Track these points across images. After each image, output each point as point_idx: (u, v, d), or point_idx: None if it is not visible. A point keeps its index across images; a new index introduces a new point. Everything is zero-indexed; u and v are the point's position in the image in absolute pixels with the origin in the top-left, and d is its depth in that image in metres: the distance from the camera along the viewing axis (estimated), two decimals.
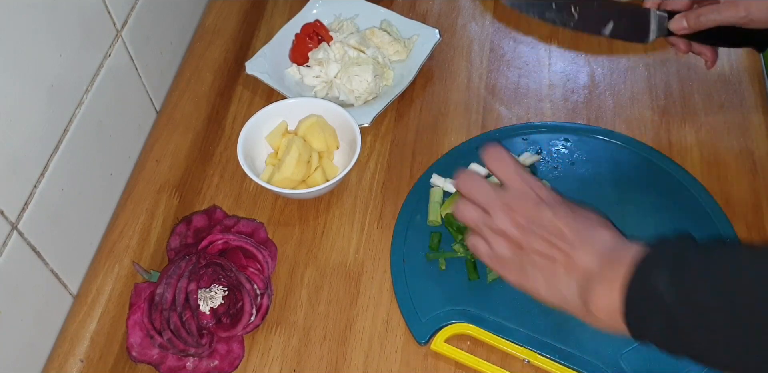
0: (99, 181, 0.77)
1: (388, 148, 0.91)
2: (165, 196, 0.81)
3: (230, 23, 0.96)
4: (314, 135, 0.85)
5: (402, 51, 0.95)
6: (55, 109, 0.67)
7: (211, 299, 0.73)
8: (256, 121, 0.85)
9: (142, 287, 0.74)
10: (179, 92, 0.89)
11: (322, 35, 0.95)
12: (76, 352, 0.70)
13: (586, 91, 0.96)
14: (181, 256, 0.75)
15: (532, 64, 0.99)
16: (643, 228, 0.81)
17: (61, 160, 0.68)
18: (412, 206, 0.84)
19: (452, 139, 0.91)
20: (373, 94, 0.92)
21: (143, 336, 0.72)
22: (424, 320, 0.76)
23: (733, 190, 0.86)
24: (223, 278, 0.74)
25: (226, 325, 0.73)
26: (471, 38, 1.01)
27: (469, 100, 0.95)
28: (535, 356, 0.74)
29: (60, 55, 0.67)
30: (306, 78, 0.94)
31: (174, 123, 0.86)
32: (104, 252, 0.76)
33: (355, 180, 0.88)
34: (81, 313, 0.72)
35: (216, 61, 0.92)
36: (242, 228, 0.79)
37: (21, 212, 0.63)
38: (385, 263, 0.81)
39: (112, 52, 0.76)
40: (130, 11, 0.79)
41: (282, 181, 0.82)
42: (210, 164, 0.89)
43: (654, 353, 0.74)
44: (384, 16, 0.98)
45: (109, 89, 0.76)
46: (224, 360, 0.73)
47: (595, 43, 1.00)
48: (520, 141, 0.89)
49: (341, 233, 0.84)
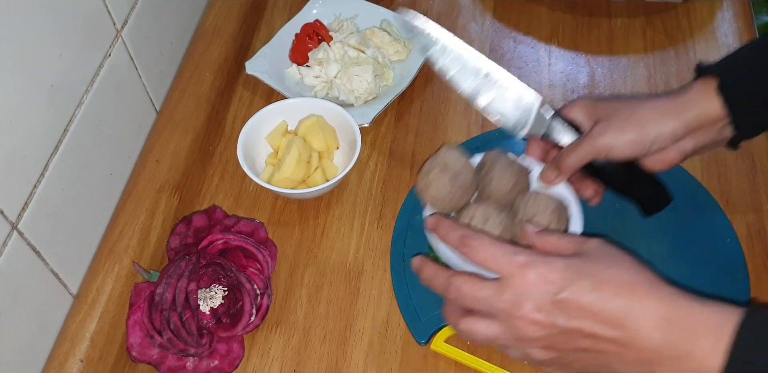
0: (99, 181, 0.77)
1: (388, 148, 0.91)
2: (165, 196, 0.81)
3: (230, 23, 0.96)
4: (314, 135, 0.85)
5: (402, 51, 0.95)
6: (55, 109, 0.67)
7: (211, 299, 0.73)
8: (256, 121, 0.85)
9: (142, 287, 0.74)
10: (179, 92, 0.89)
11: (322, 35, 0.95)
12: (76, 352, 0.70)
13: (586, 91, 0.96)
14: (181, 256, 0.75)
15: (532, 64, 0.99)
16: (643, 228, 0.81)
17: (61, 160, 0.68)
18: (412, 206, 0.84)
19: (452, 139, 0.91)
20: (373, 94, 0.92)
21: (143, 336, 0.72)
22: (424, 320, 0.76)
23: (733, 190, 0.86)
24: (223, 278, 0.74)
25: (226, 325, 0.73)
26: (471, 38, 1.01)
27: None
28: None
29: (60, 55, 0.67)
30: (306, 78, 0.94)
31: (174, 123, 0.86)
32: (104, 252, 0.76)
33: (355, 180, 0.88)
34: (81, 313, 0.72)
35: (216, 61, 0.92)
36: (242, 228, 0.79)
37: (21, 212, 0.63)
38: (385, 263, 0.81)
39: (112, 52, 0.76)
40: (130, 11, 0.79)
41: (282, 181, 0.82)
42: (210, 164, 0.89)
43: None
44: (384, 16, 0.99)
45: (109, 89, 0.76)
46: (224, 360, 0.73)
47: (595, 43, 1.00)
48: (520, 141, 0.89)
49: (341, 233, 0.84)
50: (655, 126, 0.64)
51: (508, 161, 0.73)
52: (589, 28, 1.02)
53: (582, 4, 1.04)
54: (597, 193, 0.72)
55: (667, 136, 0.65)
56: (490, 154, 0.74)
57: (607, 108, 0.68)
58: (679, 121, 0.64)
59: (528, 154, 0.74)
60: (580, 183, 0.71)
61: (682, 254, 0.80)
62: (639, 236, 0.80)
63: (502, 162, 0.72)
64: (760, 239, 0.82)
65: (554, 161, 0.70)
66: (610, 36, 1.01)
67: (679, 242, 0.81)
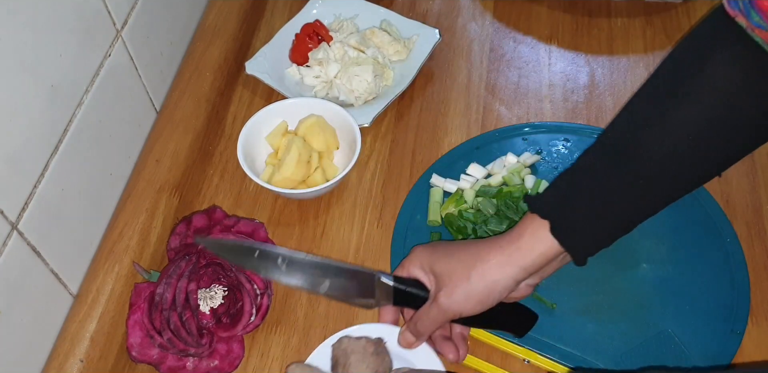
0: (99, 181, 0.77)
1: (388, 148, 0.91)
2: (165, 196, 0.81)
3: (230, 23, 0.96)
4: (314, 135, 0.85)
5: (402, 51, 0.95)
6: (56, 109, 0.67)
7: (211, 299, 0.73)
8: (256, 121, 0.85)
9: (142, 287, 0.74)
10: (179, 92, 0.89)
11: (322, 35, 0.95)
12: (76, 352, 0.70)
13: (586, 91, 0.96)
14: (181, 256, 0.75)
15: (532, 64, 0.99)
16: (642, 228, 0.81)
17: (61, 160, 0.68)
18: (412, 206, 0.84)
19: (452, 139, 0.91)
20: (373, 94, 0.92)
21: (143, 336, 0.72)
22: None
23: (733, 190, 0.86)
24: (223, 278, 0.74)
25: (226, 325, 0.73)
26: (471, 38, 1.01)
27: (469, 100, 0.95)
28: (535, 356, 0.74)
29: (60, 55, 0.67)
30: (306, 78, 0.94)
31: (174, 123, 0.86)
32: (104, 252, 0.76)
33: (355, 180, 0.88)
34: (81, 313, 0.72)
35: (216, 61, 0.92)
36: (242, 228, 0.79)
37: (21, 212, 0.63)
38: (385, 263, 0.81)
39: (112, 52, 0.76)
40: (130, 11, 0.79)
41: (282, 181, 0.82)
42: (210, 164, 0.89)
43: (654, 353, 0.75)
44: (384, 16, 0.99)
45: (109, 89, 0.76)
46: (224, 360, 0.73)
47: (595, 43, 1.00)
48: (520, 141, 0.89)
49: (341, 233, 0.84)
50: (499, 281, 0.65)
51: (360, 348, 0.70)
52: (589, 28, 1.02)
53: (582, 4, 1.04)
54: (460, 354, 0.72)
55: (512, 285, 0.66)
56: (341, 345, 0.71)
57: (445, 264, 0.68)
58: (520, 268, 0.65)
59: (381, 321, 0.74)
60: (441, 344, 0.72)
61: (682, 254, 0.80)
62: (639, 236, 0.80)
63: (356, 354, 0.70)
64: (760, 239, 0.82)
65: (409, 327, 0.70)
66: (610, 36, 1.01)
67: (679, 242, 0.81)
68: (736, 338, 0.74)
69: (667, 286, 0.78)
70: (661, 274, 0.79)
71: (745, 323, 0.75)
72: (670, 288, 0.78)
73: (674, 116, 0.61)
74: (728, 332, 0.75)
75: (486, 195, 0.82)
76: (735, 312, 0.76)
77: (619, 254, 0.79)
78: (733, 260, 0.79)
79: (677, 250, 0.80)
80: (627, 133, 0.64)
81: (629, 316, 0.76)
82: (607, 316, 0.76)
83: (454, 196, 0.83)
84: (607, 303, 0.77)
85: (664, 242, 0.81)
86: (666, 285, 0.78)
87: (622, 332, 0.75)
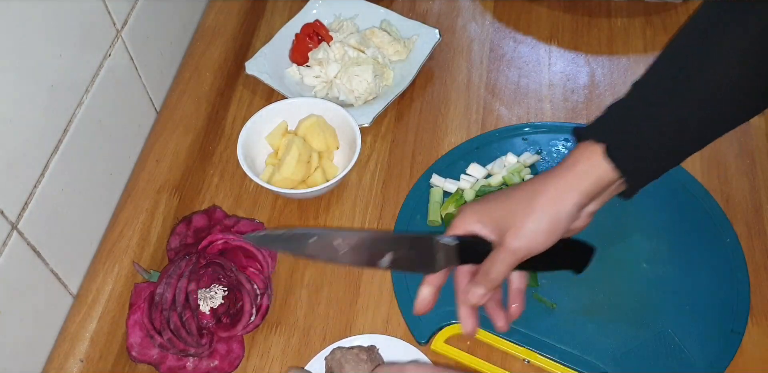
0: (99, 181, 0.77)
1: (388, 148, 0.91)
2: (165, 196, 0.81)
3: (230, 23, 0.96)
4: (314, 135, 0.85)
5: (402, 51, 0.95)
6: (56, 109, 0.67)
7: (211, 299, 0.73)
8: (256, 121, 0.85)
9: (142, 287, 0.74)
10: (179, 92, 0.89)
11: (322, 35, 0.95)
12: (76, 352, 0.70)
13: (586, 91, 0.96)
14: (181, 256, 0.75)
15: (532, 64, 0.99)
16: (642, 228, 0.81)
17: (61, 160, 0.68)
18: (412, 206, 0.84)
19: (452, 139, 0.91)
20: (373, 94, 0.92)
21: (143, 336, 0.72)
22: (424, 321, 0.76)
23: (733, 190, 0.86)
24: (223, 278, 0.74)
25: (226, 325, 0.73)
26: (471, 38, 1.01)
27: (469, 100, 0.95)
28: (535, 356, 0.74)
29: (60, 55, 0.67)
30: (306, 78, 0.94)
31: (174, 123, 0.86)
32: (104, 252, 0.76)
33: (355, 180, 0.88)
34: (81, 313, 0.72)
35: (216, 61, 0.92)
36: (242, 228, 0.79)
37: (21, 212, 0.63)
38: None
39: (112, 52, 0.76)
40: (130, 11, 0.79)
41: (282, 181, 0.82)
42: (210, 164, 0.89)
43: (654, 353, 0.75)
44: (384, 16, 0.99)
45: (109, 89, 0.76)
46: (224, 360, 0.73)
47: (595, 43, 1.00)
48: (520, 141, 0.89)
49: None
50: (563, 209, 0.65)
51: (353, 356, 0.70)
52: (589, 28, 1.02)
53: (582, 4, 1.04)
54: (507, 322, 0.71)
55: (575, 213, 0.65)
56: (334, 357, 0.71)
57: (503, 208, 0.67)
58: (581, 194, 0.65)
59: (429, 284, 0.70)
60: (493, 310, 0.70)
61: (682, 254, 0.80)
62: (639, 236, 0.80)
63: (349, 363, 0.69)
64: (760, 239, 0.82)
65: (478, 280, 0.68)
66: (610, 36, 1.01)
67: (679, 242, 0.81)
68: (736, 338, 0.74)
69: (666, 286, 0.78)
70: (661, 274, 0.79)
71: (745, 323, 0.75)
72: (669, 288, 0.78)
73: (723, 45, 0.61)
74: (728, 332, 0.75)
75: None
76: (735, 312, 0.76)
77: (619, 254, 0.79)
78: (733, 260, 0.79)
79: (677, 250, 0.80)
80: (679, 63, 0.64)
81: (629, 316, 0.76)
82: (607, 316, 0.76)
83: (454, 196, 0.83)
84: (607, 303, 0.77)
85: (664, 242, 0.81)
86: (666, 285, 0.78)
87: (622, 332, 0.75)
